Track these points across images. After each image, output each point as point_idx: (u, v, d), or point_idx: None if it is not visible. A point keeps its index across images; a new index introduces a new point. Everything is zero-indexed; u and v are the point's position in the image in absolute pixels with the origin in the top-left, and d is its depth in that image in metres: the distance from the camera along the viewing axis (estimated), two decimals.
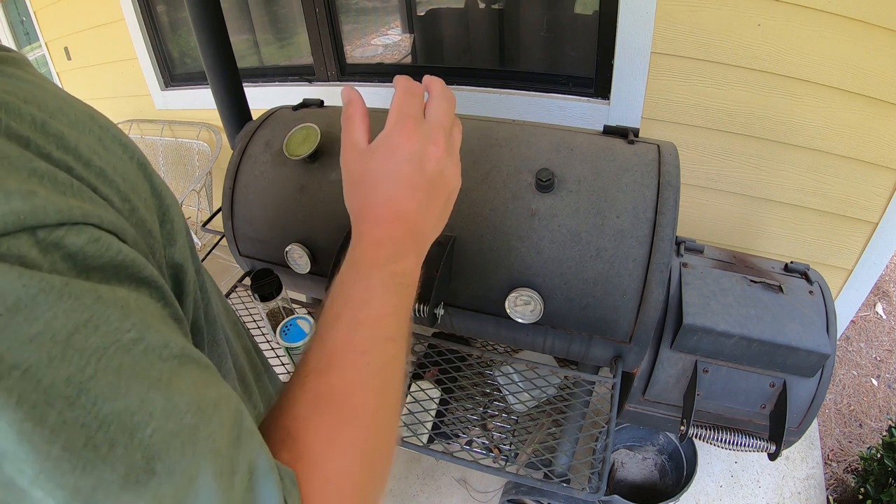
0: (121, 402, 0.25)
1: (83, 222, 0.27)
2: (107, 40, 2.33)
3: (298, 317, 0.90)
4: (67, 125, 0.31)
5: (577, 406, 1.14)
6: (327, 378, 0.36)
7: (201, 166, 2.32)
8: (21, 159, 0.27)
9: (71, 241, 0.26)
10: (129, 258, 0.29)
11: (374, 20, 1.84)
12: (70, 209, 0.27)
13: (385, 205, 0.43)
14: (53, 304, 0.24)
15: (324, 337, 0.38)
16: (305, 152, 1.01)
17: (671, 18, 1.30)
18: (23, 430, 0.23)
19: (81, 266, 0.27)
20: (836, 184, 1.39)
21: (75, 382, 0.24)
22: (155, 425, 0.26)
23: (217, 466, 0.27)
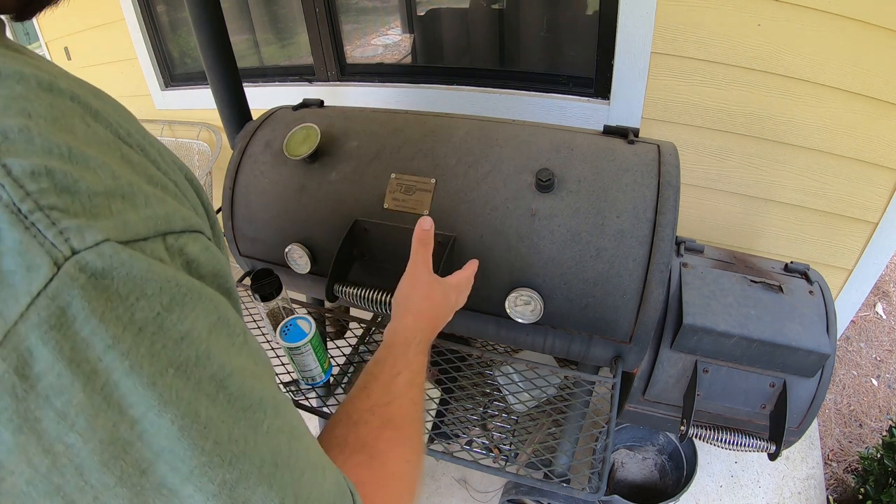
0: (247, 399, 0.27)
1: (199, 231, 0.29)
2: (107, 40, 2.33)
3: (298, 317, 0.90)
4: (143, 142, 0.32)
5: (577, 406, 1.14)
6: (390, 408, 0.49)
7: (201, 166, 2.32)
8: (142, 165, 0.28)
9: (190, 249, 0.28)
10: (224, 269, 0.31)
11: (374, 20, 1.84)
12: (189, 217, 0.28)
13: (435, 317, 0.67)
14: (197, 305, 0.25)
15: (389, 383, 0.53)
16: (305, 152, 1.01)
17: (671, 18, 1.30)
18: (183, 426, 0.24)
19: (195, 272, 0.28)
20: (836, 184, 1.39)
21: (217, 379, 0.25)
22: (269, 422, 0.28)
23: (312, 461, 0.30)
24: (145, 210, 0.25)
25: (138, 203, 0.25)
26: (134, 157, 0.28)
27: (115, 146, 0.27)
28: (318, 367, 0.92)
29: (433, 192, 0.97)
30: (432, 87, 1.72)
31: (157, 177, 0.28)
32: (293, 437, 0.29)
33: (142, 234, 0.25)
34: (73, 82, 0.29)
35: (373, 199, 1.00)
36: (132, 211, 0.25)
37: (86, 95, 0.29)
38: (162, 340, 0.24)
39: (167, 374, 0.23)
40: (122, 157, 0.27)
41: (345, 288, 0.96)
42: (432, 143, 1.02)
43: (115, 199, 0.24)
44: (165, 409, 0.23)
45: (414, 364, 0.57)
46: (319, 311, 1.26)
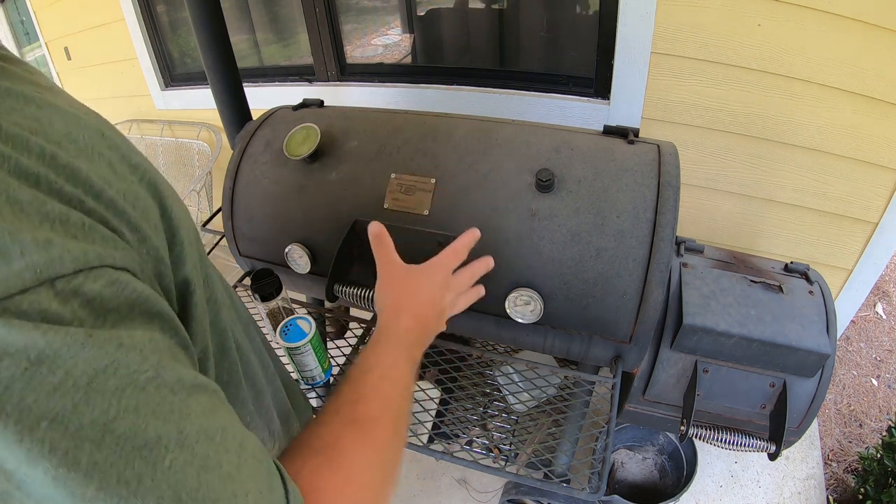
0: (141, 438, 0.26)
1: (99, 265, 0.28)
2: (107, 40, 2.33)
3: (298, 317, 0.90)
4: (76, 153, 0.31)
5: (577, 406, 1.14)
6: (356, 408, 0.47)
7: (201, 166, 2.32)
8: (33, 203, 0.27)
9: (89, 288, 0.27)
10: (143, 295, 0.30)
11: (374, 20, 1.84)
12: (85, 254, 0.27)
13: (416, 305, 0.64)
14: (75, 355, 0.25)
15: (357, 379, 0.50)
16: (305, 152, 1.01)
17: (671, 18, 1.30)
18: (58, 476, 0.24)
19: (100, 309, 0.27)
20: (836, 184, 1.39)
21: (100, 424, 0.25)
22: (171, 457, 0.27)
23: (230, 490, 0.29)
24: (21, 261, 0.24)
25: (12, 256, 0.24)
26: (25, 194, 0.26)
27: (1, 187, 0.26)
28: (318, 367, 0.92)
29: (433, 192, 0.97)
30: (432, 87, 1.72)
31: (54, 212, 0.27)
32: (204, 469, 0.28)
33: (15, 288, 0.24)
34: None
35: (373, 199, 1.00)
36: (3, 266, 0.24)
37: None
38: (32, 395, 0.23)
39: (38, 428, 0.23)
40: (6, 200, 0.25)
41: (345, 288, 0.96)
42: (432, 143, 1.02)
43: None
44: (37, 461, 0.23)
45: (386, 358, 0.54)
46: (319, 311, 1.26)
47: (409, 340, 0.59)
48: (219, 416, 0.31)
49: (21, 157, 0.27)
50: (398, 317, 0.61)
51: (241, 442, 0.32)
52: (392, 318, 0.61)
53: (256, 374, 0.55)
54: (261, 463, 0.33)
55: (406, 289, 0.65)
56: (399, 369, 0.54)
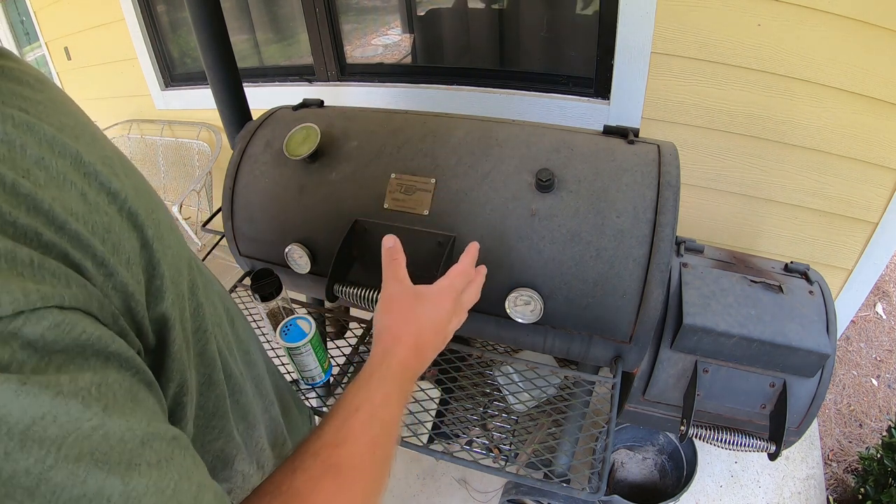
0: (79, 489, 0.25)
1: (42, 307, 0.26)
2: (107, 40, 2.33)
3: (298, 317, 0.90)
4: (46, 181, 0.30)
5: (577, 406, 1.14)
6: (338, 452, 0.43)
7: (201, 166, 2.32)
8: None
9: (29, 330, 0.26)
10: (94, 336, 0.28)
11: (374, 20, 1.84)
12: (27, 295, 0.26)
13: (418, 336, 0.58)
14: (9, 402, 0.24)
15: (344, 419, 0.46)
16: (305, 152, 1.01)
17: (671, 18, 1.30)
18: None
19: (42, 351, 0.26)
20: (836, 184, 1.39)
21: (35, 473, 0.24)
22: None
23: None
24: None
25: None
26: None
27: None
28: (318, 368, 0.92)
29: (433, 192, 0.97)
30: (432, 87, 1.72)
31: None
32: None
33: None
34: None
35: (373, 199, 1.00)
36: None
37: None
38: None
39: None
40: None
41: (345, 288, 0.96)
42: (432, 143, 1.02)
43: None
44: None
45: (377, 396, 0.49)
46: (319, 311, 1.26)
47: (404, 376, 0.54)
48: (173, 468, 0.30)
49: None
50: (396, 346, 0.56)
51: (195, 496, 0.30)
52: (390, 347, 0.56)
53: (249, 405, 0.53)
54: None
55: (410, 314, 0.60)
56: (390, 409, 0.49)
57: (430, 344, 0.59)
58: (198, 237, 2.15)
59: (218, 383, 0.45)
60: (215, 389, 0.45)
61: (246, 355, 0.54)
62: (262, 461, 0.56)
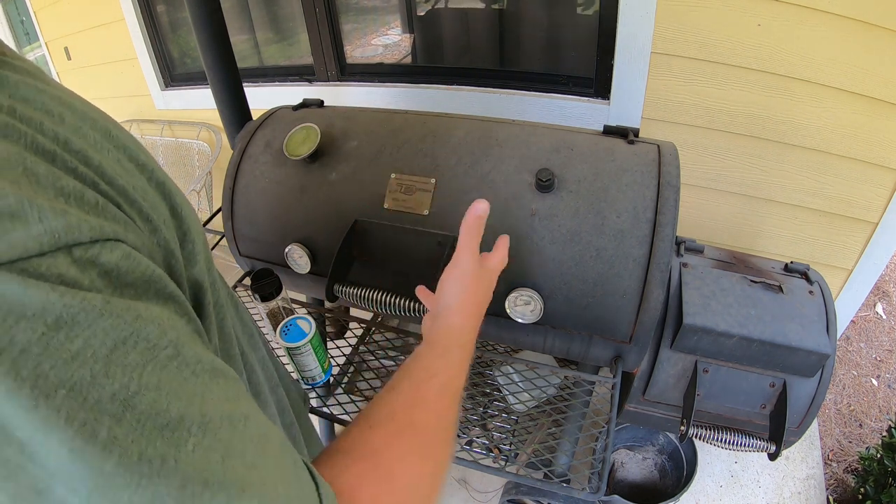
0: (163, 417, 0.25)
1: (114, 239, 0.28)
2: (107, 40, 2.33)
3: (298, 317, 0.90)
4: (87, 145, 0.31)
5: (577, 406, 1.14)
6: (415, 415, 0.44)
7: (201, 166, 2.32)
8: (49, 176, 0.27)
9: (106, 258, 0.27)
10: (156, 273, 0.30)
11: (374, 20, 1.84)
12: (101, 227, 0.27)
13: (480, 311, 0.61)
14: (93, 322, 0.25)
15: (420, 382, 0.48)
16: (305, 152, 1.01)
17: (671, 18, 1.30)
18: (74, 447, 0.23)
19: (117, 282, 0.27)
20: (836, 184, 1.39)
21: (120, 398, 0.24)
22: (195, 441, 0.26)
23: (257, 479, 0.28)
24: (39, 226, 0.24)
25: (30, 220, 0.24)
26: (41, 169, 0.27)
27: (17, 160, 0.26)
28: (318, 367, 0.92)
29: (433, 192, 0.97)
30: (432, 87, 1.72)
31: (69, 187, 0.27)
32: (229, 456, 0.27)
33: (33, 250, 0.24)
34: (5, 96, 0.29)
35: (373, 199, 1.00)
36: (22, 228, 0.24)
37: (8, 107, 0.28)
38: (49, 361, 0.23)
39: (55, 396, 0.23)
40: (23, 171, 0.26)
41: (345, 288, 0.96)
42: (432, 143, 1.02)
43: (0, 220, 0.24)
44: (52, 430, 0.22)
45: (454, 368, 0.51)
46: (319, 311, 1.26)
47: (471, 341, 0.57)
48: (241, 405, 0.31)
49: (38, 136, 0.28)
50: (470, 320, 0.58)
51: (264, 433, 0.31)
52: (466, 321, 0.58)
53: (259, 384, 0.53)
54: (286, 455, 0.32)
55: (479, 292, 0.62)
56: (461, 382, 0.51)
57: (482, 318, 0.63)
58: None
59: (235, 358, 0.46)
60: (234, 365, 0.46)
61: (251, 338, 0.54)
62: None
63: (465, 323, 0.58)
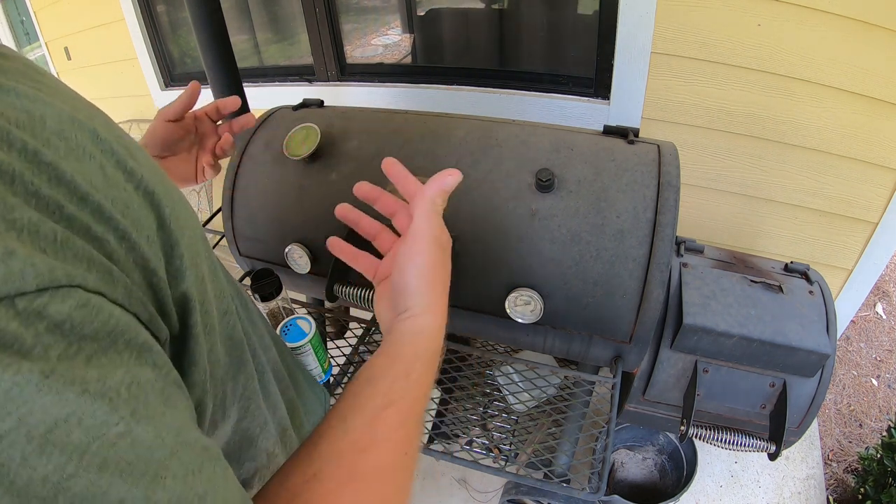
0: (99, 501, 0.23)
1: (67, 285, 0.24)
2: (107, 40, 2.33)
3: (298, 317, 0.90)
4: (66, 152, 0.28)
5: (577, 406, 1.14)
6: (366, 458, 0.38)
7: None
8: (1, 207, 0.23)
9: (55, 309, 0.23)
10: (121, 323, 0.26)
11: (374, 20, 1.84)
12: (51, 271, 0.23)
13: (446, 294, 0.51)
14: (30, 399, 0.22)
15: (373, 418, 0.40)
16: (305, 152, 1.01)
17: (671, 18, 1.30)
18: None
19: (71, 335, 0.24)
20: (836, 184, 1.39)
21: (52, 482, 0.22)
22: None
23: None
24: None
25: None
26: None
27: None
28: (318, 368, 0.92)
29: None
30: (432, 87, 1.72)
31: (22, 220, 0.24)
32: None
33: None
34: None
35: None
36: None
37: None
38: None
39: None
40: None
41: (345, 288, 0.96)
42: (432, 143, 1.02)
43: None
44: None
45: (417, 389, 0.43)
46: (319, 311, 1.26)
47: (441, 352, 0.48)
48: (200, 481, 0.28)
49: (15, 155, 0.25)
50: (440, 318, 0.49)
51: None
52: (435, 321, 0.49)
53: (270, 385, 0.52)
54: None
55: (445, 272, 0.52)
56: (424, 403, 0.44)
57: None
58: None
59: (247, 364, 0.44)
60: (245, 370, 0.44)
61: (261, 339, 0.52)
62: (285, 440, 0.55)
63: (436, 324, 0.48)
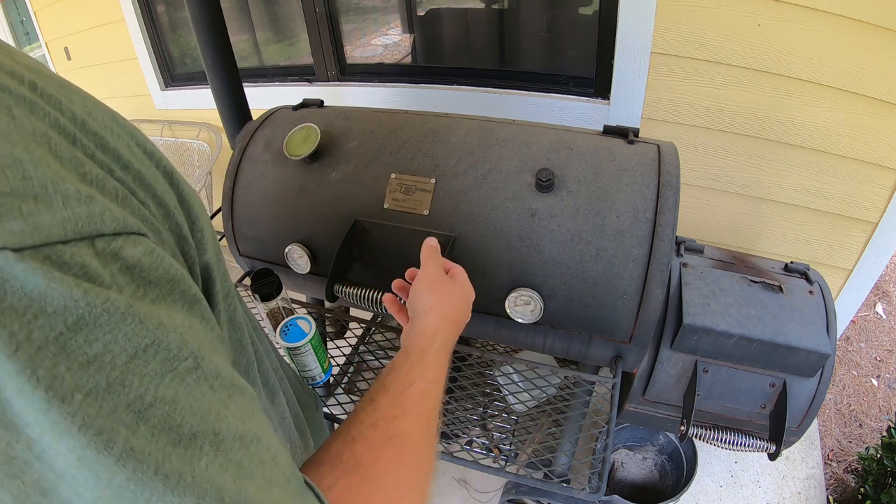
0: (175, 433, 0.25)
1: (138, 233, 0.27)
2: (107, 40, 2.33)
3: (298, 317, 0.90)
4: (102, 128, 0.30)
5: (577, 406, 1.14)
6: (396, 423, 0.44)
7: (201, 166, 2.32)
8: (72, 160, 0.26)
9: (129, 253, 0.26)
10: (179, 273, 0.29)
11: (374, 20, 1.84)
12: (125, 218, 0.26)
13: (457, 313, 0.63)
14: (115, 326, 0.23)
15: (399, 394, 0.47)
16: (305, 152, 1.01)
17: (671, 18, 1.30)
18: (84, 456, 0.22)
19: (140, 279, 0.26)
20: (836, 184, 1.39)
21: (135, 409, 0.23)
22: (207, 459, 0.25)
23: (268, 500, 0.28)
24: (63, 212, 0.23)
25: (55, 204, 0.23)
26: (65, 151, 0.25)
27: (42, 139, 0.25)
28: (318, 368, 0.92)
29: (433, 192, 0.97)
30: (432, 87, 1.72)
31: (92, 174, 0.26)
32: (239, 477, 0.27)
33: (56, 237, 0.23)
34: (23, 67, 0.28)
35: (373, 199, 1.00)
36: (46, 212, 0.23)
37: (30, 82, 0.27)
38: (65, 363, 0.22)
39: (71, 401, 0.22)
40: (49, 151, 0.25)
41: (345, 288, 0.96)
42: (432, 143, 1.02)
43: (24, 201, 0.22)
44: (63, 435, 0.22)
45: (430, 372, 0.51)
46: (319, 311, 1.26)
47: (449, 352, 0.57)
48: (254, 424, 0.30)
49: (59, 116, 0.27)
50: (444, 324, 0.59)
51: (274, 456, 0.30)
52: (440, 326, 0.58)
53: (268, 373, 0.53)
54: (292, 480, 0.31)
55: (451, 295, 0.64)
56: (440, 384, 0.51)
57: (464, 320, 0.65)
58: None
59: (247, 347, 0.46)
60: (245, 354, 0.46)
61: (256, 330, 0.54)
62: (288, 433, 0.56)
63: (440, 324, 0.58)
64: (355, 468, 0.38)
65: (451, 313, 0.61)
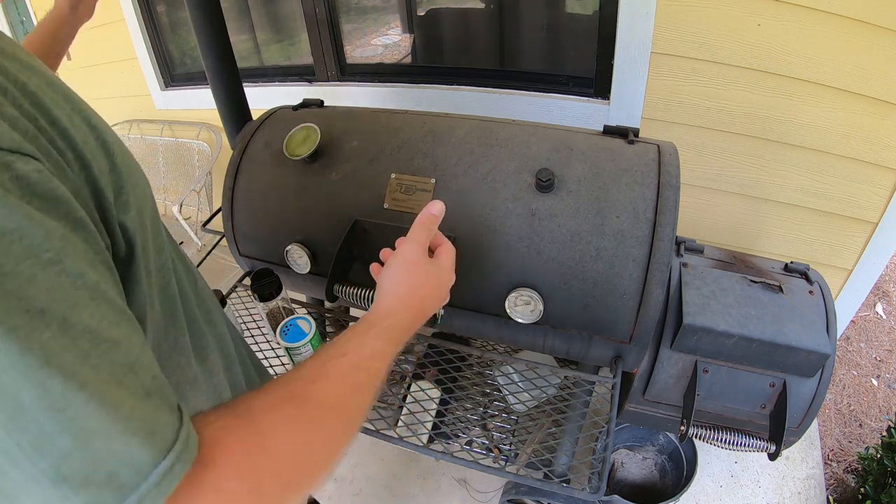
0: (24, 302, 0.26)
1: (31, 155, 0.30)
2: (107, 40, 2.33)
3: (298, 317, 0.90)
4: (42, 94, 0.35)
5: (577, 406, 1.14)
6: (311, 386, 0.42)
7: (201, 166, 2.32)
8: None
9: (19, 167, 0.29)
10: (65, 196, 0.31)
11: (374, 20, 1.84)
12: (21, 142, 0.30)
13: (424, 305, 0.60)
14: None
15: (326, 360, 0.46)
16: (305, 152, 1.01)
17: (671, 18, 1.30)
18: None
19: (26, 189, 0.29)
20: (836, 184, 1.39)
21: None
22: (49, 334, 0.27)
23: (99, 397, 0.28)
24: None
25: None
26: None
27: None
28: None
29: (433, 192, 0.97)
30: (432, 87, 1.72)
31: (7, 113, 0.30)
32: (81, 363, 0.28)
33: None
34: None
35: (373, 199, 1.00)
36: None
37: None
38: None
39: None
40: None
41: (345, 288, 0.96)
42: (432, 143, 1.02)
43: None
44: None
45: (367, 348, 0.50)
46: (319, 311, 1.26)
47: (402, 337, 0.56)
48: (117, 331, 0.31)
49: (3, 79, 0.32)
50: (402, 310, 0.57)
51: (132, 364, 0.31)
52: (396, 309, 0.57)
53: (208, 350, 0.55)
54: (154, 395, 0.32)
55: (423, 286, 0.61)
56: (378, 362, 0.50)
57: (432, 308, 0.62)
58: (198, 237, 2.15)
59: (178, 319, 0.48)
60: (176, 324, 0.48)
61: (207, 314, 0.56)
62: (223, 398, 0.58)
63: (396, 307, 0.57)
64: (245, 413, 0.38)
65: (415, 301, 0.59)
